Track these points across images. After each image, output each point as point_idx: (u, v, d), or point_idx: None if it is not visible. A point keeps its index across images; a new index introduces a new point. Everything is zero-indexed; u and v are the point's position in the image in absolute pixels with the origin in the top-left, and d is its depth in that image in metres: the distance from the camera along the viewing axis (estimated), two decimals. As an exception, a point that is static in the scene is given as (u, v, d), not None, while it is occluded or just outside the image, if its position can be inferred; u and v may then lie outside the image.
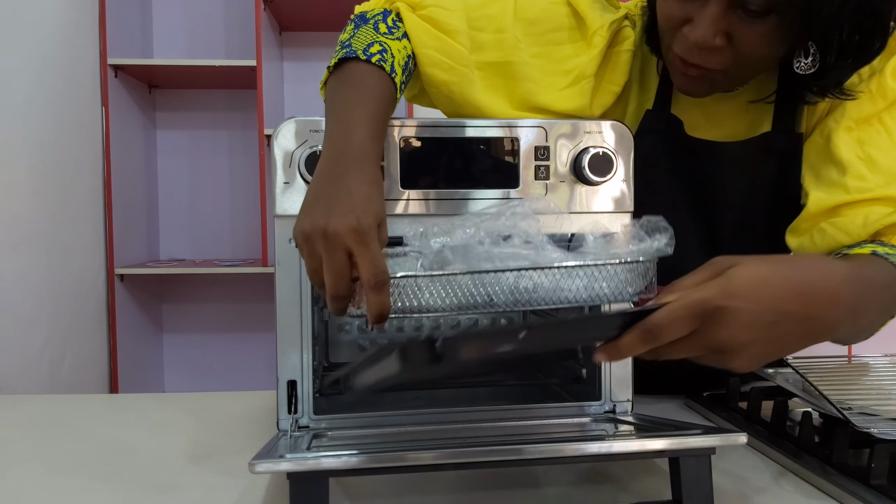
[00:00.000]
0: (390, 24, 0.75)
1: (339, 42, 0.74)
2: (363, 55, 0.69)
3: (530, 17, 0.81)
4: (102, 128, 2.19)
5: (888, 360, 0.82)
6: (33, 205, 1.80)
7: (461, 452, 0.55)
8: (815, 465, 0.64)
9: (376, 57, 0.69)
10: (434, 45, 0.77)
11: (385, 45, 0.71)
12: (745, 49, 0.69)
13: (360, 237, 0.55)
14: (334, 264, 0.56)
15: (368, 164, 0.62)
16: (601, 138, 0.73)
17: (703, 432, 0.58)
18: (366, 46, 0.70)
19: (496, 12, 0.81)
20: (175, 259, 2.58)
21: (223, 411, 0.89)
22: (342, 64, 0.70)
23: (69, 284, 2.00)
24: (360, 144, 0.62)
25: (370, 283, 0.55)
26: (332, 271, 0.56)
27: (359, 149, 0.62)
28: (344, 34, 0.75)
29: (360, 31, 0.73)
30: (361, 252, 0.55)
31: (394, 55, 0.71)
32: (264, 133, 2.22)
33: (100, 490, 0.65)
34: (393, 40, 0.73)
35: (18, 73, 1.75)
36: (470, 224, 0.64)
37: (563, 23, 0.81)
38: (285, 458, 0.54)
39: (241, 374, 2.60)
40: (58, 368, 1.90)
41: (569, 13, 0.81)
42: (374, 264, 0.55)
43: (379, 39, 0.72)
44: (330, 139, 0.64)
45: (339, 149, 0.62)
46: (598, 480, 0.65)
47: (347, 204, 0.57)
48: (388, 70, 0.70)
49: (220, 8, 2.57)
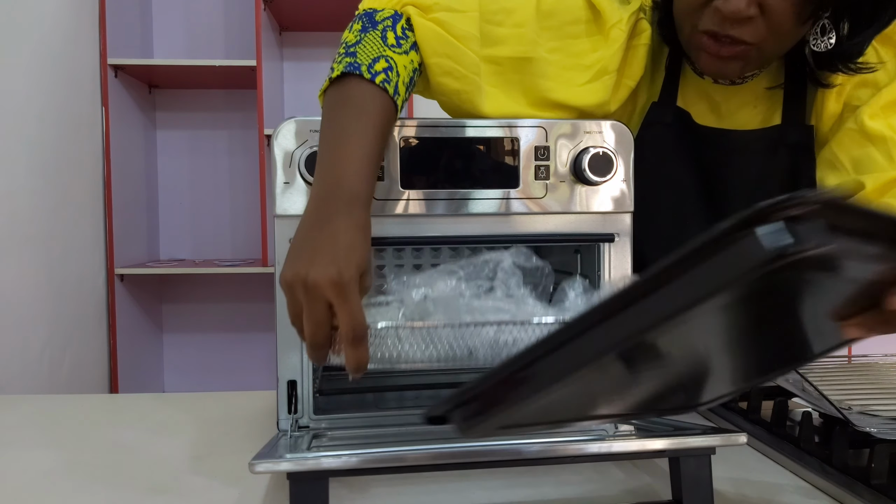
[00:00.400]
0: (399, 32, 0.72)
1: (342, 42, 0.71)
2: (368, 73, 0.66)
3: (546, 9, 0.78)
4: (102, 128, 2.19)
5: (888, 360, 0.82)
6: (33, 205, 1.80)
7: (461, 452, 0.55)
8: (815, 465, 0.64)
9: (381, 77, 0.67)
10: (446, 52, 0.74)
11: (391, 62, 0.68)
12: (776, 19, 0.70)
13: (340, 290, 0.55)
14: (314, 315, 0.56)
15: (357, 207, 0.60)
16: (601, 138, 0.73)
17: (703, 432, 0.58)
18: (371, 62, 0.67)
19: (514, 5, 0.78)
20: (175, 259, 2.58)
21: (223, 411, 0.89)
22: (344, 77, 0.67)
23: (69, 284, 2.00)
24: (351, 186, 0.61)
25: (348, 336, 0.55)
26: (312, 321, 0.56)
27: (349, 190, 0.61)
28: (349, 34, 0.72)
29: (366, 38, 0.70)
30: (341, 305, 0.55)
31: (399, 73, 0.69)
32: (264, 133, 2.22)
33: (100, 490, 0.65)
34: (400, 54, 0.70)
35: (18, 73, 1.75)
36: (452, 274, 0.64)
37: (580, 15, 0.79)
38: (285, 458, 0.54)
39: (241, 374, 2.60)
40: (58, 368, 1.90)
41: (585, 5, 0.79)
42: (353, 318, 0.55)
43: (386, 54, 0.69)
44: (321, 174, 0.62)
45: (328, 189, 0.61)
46: (599, 480, 0.65)
47: (331, 254, 0.56)
48: (391, 92, 0.67)
49: (220, 8, 2.57)
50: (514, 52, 0.77)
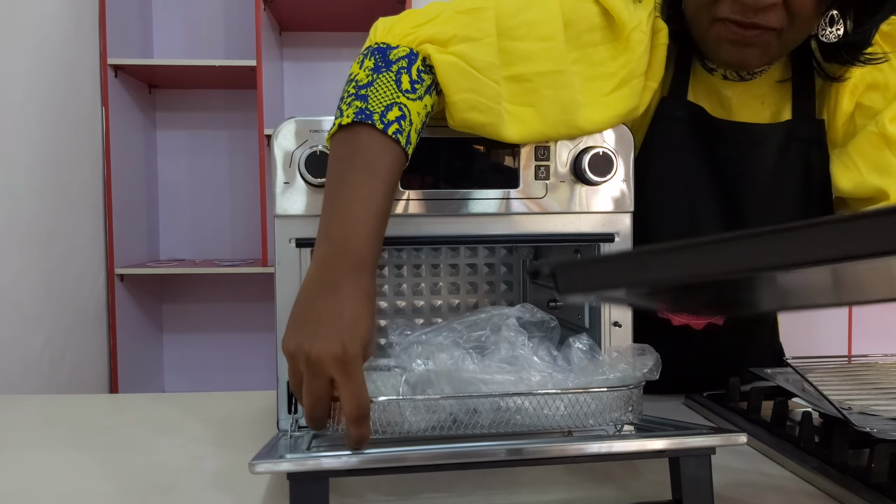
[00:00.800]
0: (415, 76, 0.67)
1: (351, 77, 0.68)
2: (380, 123, 0.63)
3: (565, 19, 0.75)
4: (102, 128, 2.19)
5: (888, 359, 0.82)
6: (33, 205, 1.80)
7: (461, 452, 0.55)
8: (815, 465, 0.64)
9: (394, 127, 0.63)
10: (470, 87, 0.70)
11: (405, 110, 0.65)
12: (797, 4, 0.71)
13: (343, 367, 0.54)
14: (315, 389, 0.55)
15: (364, 275, 0.59)
16: (601, 138, 0.73)
17: (703, 432, 0.58)
18: (384, 110, 0.63)
19: (536, 18, 0.73)
20: (175, 259, 2.58)
21: (223, 411, 0.89)
22: (355, 125, 0.64)
23: (69, 284, 2.00)
24: (359, 250, 0.59)
25: (351, 415, 0.54)
26: (312, 395, 0.55)
27: (356, 255, 0.59)
28: (360, 71, 0.68)
29: (379, 80, 0.66)
30: (344, 382, 0.54)
31: (412, 121, 0.65)
32: (264, 133, 2.22)
33: (100, 490, 0.65)
34: (414, 100, 0.66)
35: (18, 73, 1.75)
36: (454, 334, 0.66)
37: (596, 23, 0.75)
38: (285, 458, 0.54)
39: (241, 374, 2.60)
40: (58, 368, 1.90)
41: (599, 11, 0.75)
42: (357, 396, 0.54)
43: (400, 101, 0.65)
44: (326, 234, 0.60)
45: (335, 251, 0.59)
46: (598, 480, 0.65)
47: (336, 328, 0.55)
48: (403, 142, 0.64)
49: (220, 8, 2.57)
50: (545, 66, 0.73)
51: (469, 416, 0.60)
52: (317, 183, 0.69)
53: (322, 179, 0.69)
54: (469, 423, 0.61)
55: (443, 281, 0.94)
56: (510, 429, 0.61)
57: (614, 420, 0.63)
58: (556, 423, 0.62)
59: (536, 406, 0.61)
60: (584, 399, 0.61)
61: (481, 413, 0.60)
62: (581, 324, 0.79)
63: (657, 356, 0.65)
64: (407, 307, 0.93)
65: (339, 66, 2.59)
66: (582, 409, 0.61)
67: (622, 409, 0.62)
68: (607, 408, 0.62)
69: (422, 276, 0.93)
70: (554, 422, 0.62)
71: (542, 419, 0.61)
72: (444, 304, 0.94)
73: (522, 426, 0.61)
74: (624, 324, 0.74)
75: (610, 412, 0.62)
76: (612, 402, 0.62)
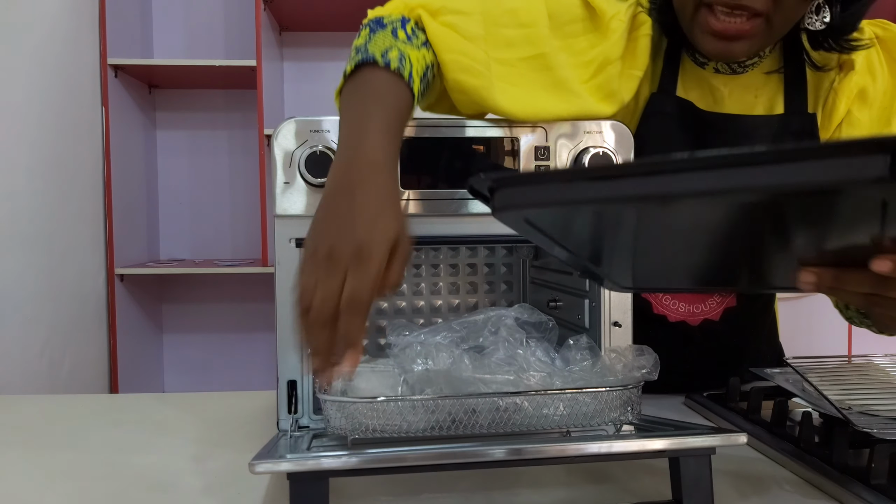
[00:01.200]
0: (409, 32, 0.72)
1: (353, 48, 0.71)
2: (381, 61, 0.66)
3: (549, 10, 0.79)
4: (102, 128, 2.19)
5: (888, 359, 0.82)
6: (33, 205, 1.80)
7: (461, 452, 0.55)
8: (815, 465, 0.64)
9: (395, 63, 0.66)
10: (460, 49, 0.74)
11: (404, 53, 0.68)
12: None
13: (358, 258, 0.54)
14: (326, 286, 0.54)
15: (380, 175, 0.59)
16: (601, 138, 0.73)
17: (703, 432, 0.58)
18: (384, 51, 0.67)
19: (518, 6, 0.78)
20: (175, 259, 2.58)
21: (223, 411, 0.89)
22: (358, 70, 0.67)
23: (69, 284, 2.00)
24: (373, 153, 0.60)
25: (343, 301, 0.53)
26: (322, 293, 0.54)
27: (370, 158, 0.60)
28: (359, 39, 0.71)
29: (376, 35, 0.70)
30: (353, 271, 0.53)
31: (412, 63, 0.68)
32: (264, 133, 2.22)
33: (99, 490, 0.65)
34: (412, 48, 0.70)
35: (18, 73, 1.75)
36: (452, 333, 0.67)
37: (577, 14, 0.80)
38: (285, 458, 0.54)
39: (241, 374, 2.60)
40: (58, 368, 1.90)
41: (581, 3, 0.80)
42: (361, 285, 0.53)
43: (398, 46, 0.68)
44: (342, 146, 0.62)
45: (350, 157, 0.60)
46: (598, 480, 0.65)
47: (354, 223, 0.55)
48: (405, 78, 0.66)
49: (220, 8, 2.57)
50: (527, 51, 0.77)
51: (468, 416, 0.60)
52: (317, 183, 0.69)
53: (322, 179, 0.69)
54: (468, 423, 0.61)
55: (442, 281, 0.94)
56: (509, 429, 0.61)
57: (613, 420, 0.63)
58: (555, 423, 0.62)
59: (535, 406, 0.61)
60: (583, 399, 0.61)
61: (480, 413, 0.60)
62: (581, 324, 0.79)
63: (656, 356, 0.65)
64: (407, 307, 0.93)
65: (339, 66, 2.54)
66: (581, 409, 0.62)
67: (621, 409, 0.62)
68: (606, 408, 0.62)
69: (422, 276, 0.93)
70: (553, 422, 0.62)
71: (541, 419, 0.61)
72: (443, 305, 0.94)
73: (521, 426, 0.61)
74: (624, 324, 0.74)
75: (609, 412, 0.62)
76: (611, 401, 0.62)
